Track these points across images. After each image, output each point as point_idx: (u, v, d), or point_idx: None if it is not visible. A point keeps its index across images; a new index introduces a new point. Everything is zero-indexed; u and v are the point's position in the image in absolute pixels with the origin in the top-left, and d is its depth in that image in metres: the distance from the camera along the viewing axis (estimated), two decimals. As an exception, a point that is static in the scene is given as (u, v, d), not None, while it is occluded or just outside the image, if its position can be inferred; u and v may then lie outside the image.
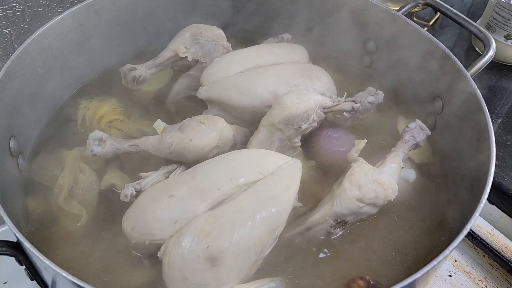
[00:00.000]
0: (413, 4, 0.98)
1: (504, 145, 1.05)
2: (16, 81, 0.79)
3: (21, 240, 0.56)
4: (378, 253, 0.73)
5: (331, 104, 0.81)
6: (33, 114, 0.85)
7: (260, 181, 0.70)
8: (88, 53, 0.95)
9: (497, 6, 1.18)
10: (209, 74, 0.88)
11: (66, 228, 0.75)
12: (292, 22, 1.04)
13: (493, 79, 1.23)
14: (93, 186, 0.79)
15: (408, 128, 0.79)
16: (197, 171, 0.71)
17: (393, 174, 0.73)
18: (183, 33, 0.94)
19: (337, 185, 0.73)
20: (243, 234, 0.64)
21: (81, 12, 0.90)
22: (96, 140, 0.77)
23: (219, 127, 0.78)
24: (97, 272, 0.70)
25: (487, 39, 0.87)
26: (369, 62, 1.03)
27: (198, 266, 0.62)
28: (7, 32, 0.96)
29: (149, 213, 0.67)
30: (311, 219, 0.72)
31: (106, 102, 0.91)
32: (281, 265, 0.71)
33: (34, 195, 0.79)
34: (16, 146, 0.78)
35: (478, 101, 0.77)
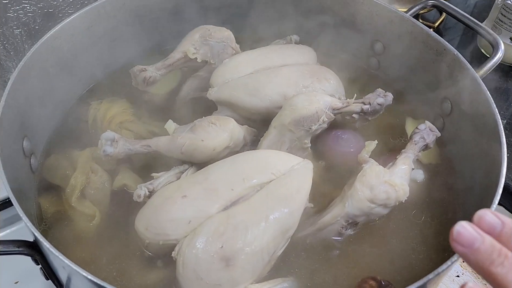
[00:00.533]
0: (421, 6, 0.99)
1: (510, 146, 1.06)
2: (28, 82, 0.79)
3: (40, 239, 0.57)
4: (389, 253, 0.74)
5: (340, 105, 0.82)
6: (45, 114, 0.85)
7: (272, 182, 0.70)
8: (98, 54, 0.96)
9: (503, 8, 1.19)
10: (219, 75, 0.89)
11: (79, 228, 0.75)
12: (300, 23, 1.05)
13: (499, 80, 1.24)
14: (105, 186, 0.79)
15: (418, 130, 0.80)
16: (209, 172, 0.72)
17: (404, 175, 0.73)
18: (193, 34, 0.94)
19: (349, 186, 0.73)
20: (257, 234, 0.65)
21: (92, 13, 0.91)
22: (108, 141, 0.77)
23: (230, 127, 0.78)
24: (110, 272, 0.70)
25: (496, 41, 0.88)
26: (377, 63, 1.03)
27: (213, 266, 0.62)
28: (18, 32, 0.97)
29: (163, 214, 0.67)
30: (322, 219, 0.73)
31: (116, 103, 0.92)
32: (293, 265, 0.71)
33: (46, 195, 0.79)
34: (28, 146, 0.78)
35: (488, 102, 0.77)
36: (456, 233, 0.45)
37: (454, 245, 0.45)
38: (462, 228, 0.45)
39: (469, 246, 0.44)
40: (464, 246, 0.45)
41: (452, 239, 0.45)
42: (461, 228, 0.45)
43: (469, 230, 0.45)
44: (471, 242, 0.44)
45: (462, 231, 0.45)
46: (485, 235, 0.45)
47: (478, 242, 0.44)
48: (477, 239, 0.44)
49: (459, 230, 0.45)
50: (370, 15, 0.98)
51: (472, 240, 0.44)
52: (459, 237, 0.45)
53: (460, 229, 0.45)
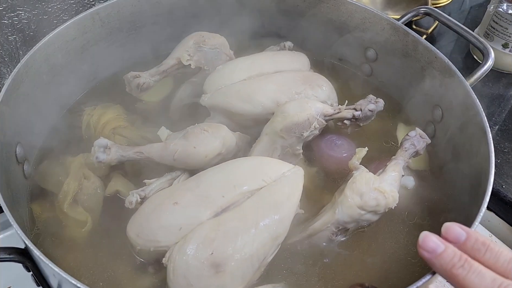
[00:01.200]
0: (413, 14, 1.00)
1: (502, 152, 1.07)
2: (22, 89, 0.80)
3: (30, 247, 0.57)
4: (379, 260, 0.75)
5: (332, 112, 0.83)
6: (39, 120, 0.86)
7: (263, 189, 0.71)
8: (92, 60, 0.96)
9: (495, 15, 1.20)
10: (212, 81, 0.89)
11: (71, 234, 0.76)
12: (294, 30, 1.06)
13: (491, 86, 1.25)
14: (98, 192, 0.80)
15: (408, 137, 0.80)
16: (201, 179, 0.72)
17: (394, 182, 0.74)
18: (187, 41, 0.95)
19: (339, 193, 0.74)
20: (247, 241, 0.65)
21: (86, 20, 0.91)
22: (101, 147, 0.77)
23: (223, 134, 0.79)
24: (101, 278, 0.71)
25: (486, 49, 0.89)
26: (370, 70, 1.04)
27: (203, 273, 0.63)
28: (12, 39, 0.97)
29: (154, 220, 0.68)
30: (313, 226, 0.73)
31: (110, 109, 0.92)
32: (283, 272, 0.72)
33: (39, 201, 0.80)
34: (22, 152, 0.79)
35: (477, 110, 0.78)
36: (422, 241, 0.53)
37: (420, 251, 0.53)
38: (427, 237, 0.53)
39: (433, 251, 0.52)
40: (429, 252, 0.52)
41: (419, 246, 0.53)
42: (425, 237, 0.53)
43: (433, 239, 0.52)
44: (434, 249, 0.52)
45: (426, 240, 0.52)
46: (447, 243, 0.52)
47: (440, 248, 0.52)
48: (440, 246, 0.52)
49: (424, 239, 0.53)
50: (363, 22, 0.99)
51: (435, 247, 0.52)
52: (424, 244, 0.53)
53: (425, 238, 0.53)
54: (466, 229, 0.52)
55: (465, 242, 0.51)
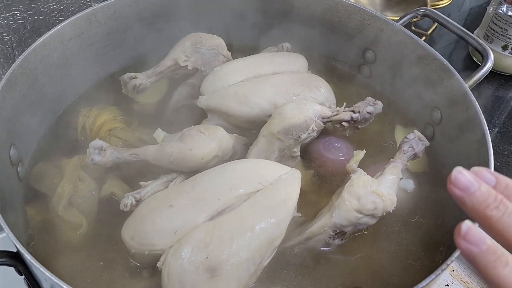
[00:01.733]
0: (412, 15, 0.99)
1: (501, 155, 1.06)
2: (17, 90, 0.79)
3: (21, 251, 0.56)
4: (376, 263, 0.74)
5: (330, 114, 0.82)
6: (33, 122, 0.85)
7: (259, 192, 0.70)
8: (88, 61, 0.95)
9: (494, 16, 1.19)
10: (209, 83, 0.89)
11: (66, 236, 0.75)
12: (292, 31, 1.05)
13: (490, 88, 1.24)
14: (93, 194, 0.79)
15: (406, 139, 0.80)
16: (197, 181, 0.72)
17: (392, 185, 0.73)
18: (184, 41, 0.94)
19: (336, 196, 0.73)
20: (243, 245, 0.64)
21: (82, 21, 0.91)
22: (96, 149, 0.77)
23: (219, 136, 0.78)
24: (95, 282, 0.70)
25: (485, 51, 0.88)
26: (368, 72, 1.03)
27: (198, 277, 0.62)
28: (7, 39, 0.96)
29: (149, 223, 0.67)
30: (310, 229, 0.73)
31: (106, 110, 0.91)
32: (280, 275, 0.71)
33: (33, 203, 0.79)
34: (16, 154, 0.78)
35: (476, 113, 0.78)
36: (454, 178, 0.46)
37: (451, 189, 0.46)
38: (460, 173, 0.46)
39: (465, 190, 0.46)
40: (461, 190, 0.46)
41: (449, 183, 0.46)
42: (458, 173, 0.46)
43: (466, 176, 0.46)
44: (467, 186, 0.45)
45: (459, 176, 0.46)
46: (482, 182, 0.46)
47: (474, 187, 0.45)
48: (474, 184, 0.46)
49: (456, 175, 0.46)
50: (362, 24, 0.98)
51: (469, 184, 0.45)
52: (456, 181, 0.46)
53: (457, 174, 0.46)
54: (495, 174, 0.47)
55: (495, 188, 0.46)
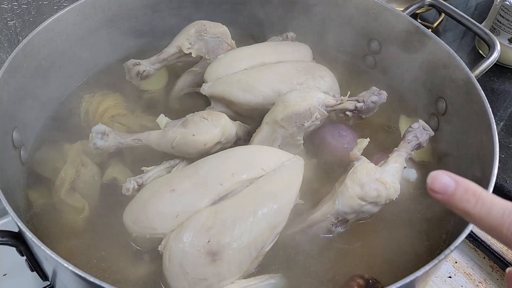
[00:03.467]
0: (418, 5, 0.98)
1: (506, 148, 1.05)
2: (20, 74, 0.79)
3: (23, 229, 0.57)
4: (379, 252, 0.73)
5: (334, 102, 0.81)
6: (37, 106, 0.85)
7: (262, 178, 0.70)
8: (92, 47, 0.95)
9: (501, 9, 1.18)
10: (213, 70, 0.88)
11: (68, 220, 0.75)
12: (297, 20, 1.05)
13: (496, 82, 1.23)
14: (95, 179, 0.79)
15: (411, 128, 0.79)
16: (199, 166, 0.71)
17: (396, 173, 0.73)
18: (188, 29, 0.94)
19: (339, 183, 0.73)
20: (244, 229, 0.64)
21: (87, 6, 0.90)
22: (99, 134, 0.77)
23: (222, 123, 0.78)
24: (97, 265, 0.70)
25: (492, 41, 0.87)
26: (373, 62, 1.03)
27: (199, 261, 0.62)
28: (12, 24, 0.96)
29: (151, 207, 0.67)
30: (312, 216, 0.72)
31: (109, 96, 0.91)
32: (282, 262, 0.71)
33: (36, 187, 0.79)
34: (19, 138, 0.78)
35: (482, 102, 0.77)
36: (430, 184, 0.48)
37: (431, 194, 0.48)
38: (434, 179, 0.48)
39: (444, 192, 0.47)
40: (440, 193, 0.48)
41: (428, 189, 0.48)
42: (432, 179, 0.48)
43: (442, 180, 0.48)
44: (445, 189, 0.47)
45: (435, 182, 0.48)
46: (457, 180, 0.48)
47: (451, 188, 0.47)
48: (450, 185, 0.47)
49: (432, 181, 0.48)
50: (367, 13, 0.98)
51: (446, 187, 0.47)
52: (433, 186, 0.48)
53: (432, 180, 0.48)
54: (455, 178, 0.48)
55: (454, 193, 0.47)
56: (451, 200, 0.47)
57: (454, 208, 0.47)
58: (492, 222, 0.45)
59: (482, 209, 0.46)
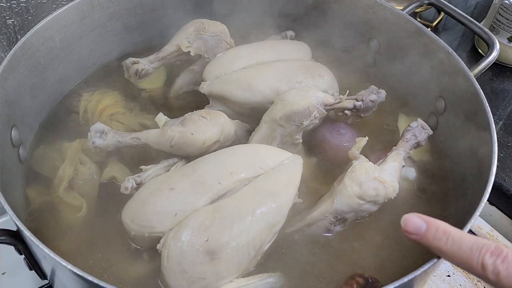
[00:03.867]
0: (417, 4, 0.98)
1: (505, 147, 1.06)
2: (18, 72, 0.79)
3: (21, 228, 0.56)
4: (378, 251, 0.73)
5: (333, 101, 0.81)
6: (35, 105, 0.85)
7: (260, 176, 0.69)
8: (91, 46, 0.95)
9: (500, 8, 1.18)
10: (212, 69, 0.88)
11: (66, 219, 0.75)
12: (296, 19, 1.04)
13: (496, 81, 1.23)
14: (94, 178, 0.79)
15: (409, 127, 0.79)
16: (198, 165, 0.71)
17: (394, 172, 0.73)
18: (187, 27, 0.93)
19: (338, 182, 0.73)
20: (243, 228, 0.64)
21: (85, 5, 0.90)
22: (97, 132, 0.76)
23: (221, 122, 0.78)
24: (95, 264, 0.70)
25: (491, 40, 0.87)
26: (372, 60, 1.03)
27: (197, 259, 0.62)
28: (10, 23, 0.96)
29: (149, 206, 0.67)
30: (311, 215, 0.72)
31: (108, 95, 0.91)
32: (280, 261, 0.71)
33: (34, 185, 0.79)
34: (17, 136, 0.78)
35: (480, 101, 0.77)
36: (404, 226, 0.54)
37: (406, 235, 0.54)
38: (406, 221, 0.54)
39: (417, 232, 0.53)
40: (414, 234, 0.53)
41: (403, 231, 0.54)
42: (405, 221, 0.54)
43: (413, 221, 0.53)
44: (417, 229, 0.53)
45: (407, 224, 0.54)
46: (428, 221, 0.53)
47: (422, 228, 0.52)
48: (422, 226, 0.53)
49: (405, 224, 0.54)
50: (366, 12, 0.98)
51: (418, 228, 0.53)
52: (407, 228, 0.54)
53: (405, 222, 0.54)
54: (426, 219, 0.52)
55: (426, 233, 0.51)
56: (424, 239, 0.52)
57: (428, 246, 0.52)
58: (462, 256, 0.50)
59: (452, 246, 0.50)
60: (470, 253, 0.49)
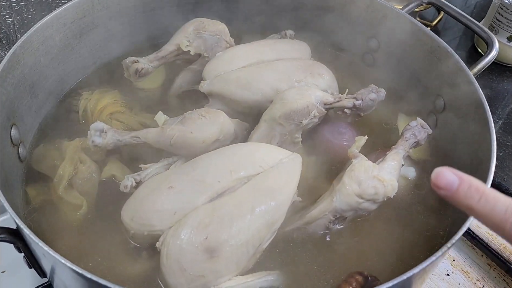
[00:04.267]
0: (416, 3, 0.99)
1: (504, 146, 1.06)
2: (18, 70, 0.79)
3: (21, 226, 0.57)
4: (377, 249, 0.73)
5: (332, 100, 0.81)
6: (35, 103, 0.85)
7: (260, 175, 0.70)
8: (91, 45, 0.95)
9: (500, 7, 1.18)
10: (211, 68, 0.88)
11: (66, 217, 0.75)
12: (296, 18, 1.05)
13: (495, 80, 1.23)
14: (93, 176, 0.79)
15: (409, 126, 0.79)
16: (197, 163, 0.71)
17: (393, 171, 0.73)
18: (187, 27, 0.93)
19: (337, 181, 0.73)
20: (242, 226, 0.64)
21: (85, 3, 0.90)
22: (97, 131, 0.77)
23: (220, 120, 0.78)
24: (95, 262, 0.70)
25: (490, 39, 0.87)
26: (372, 59, 1.03)
27: (196, 257, 0.62)
28: (10, 21, 0.96)
29: (149, 204, 0.67)
30: (310, 214, 0.72)
31: (108, 94, 0.91)
32: (279, 259, 0.71)
33: (34, 184, 0.79)
34: (17, 135, 0.78)
35: (480, 100, 0.77)
36: (435, 180, 0.48)
37: (436, 190, 0.49)
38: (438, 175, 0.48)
39: (449, 189, 0.48)
40: (445, 189, 0.48)
41: (433, 185, 0.48)
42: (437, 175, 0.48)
43: (446, 176, 0.48)
44: (449, 185, 0.48)
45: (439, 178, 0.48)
46: (461, 176, 0.48)
47: (455, 184, 0.48)
48: (454, 182, 0.48)
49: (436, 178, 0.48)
50: (366, 11, 0.98)
51: (450, 183, 0.48)
52: (437, 183, 0.48)
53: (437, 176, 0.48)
54: (459, 174, 0.49)
55: (458, 189, 0.48)
56: (455, 196, 0.48)
57: (459, 204, 0.48)
58: (495, 218, 0.46)
59: (485, 205, 0.46)
60: (505, 215, 0.46)
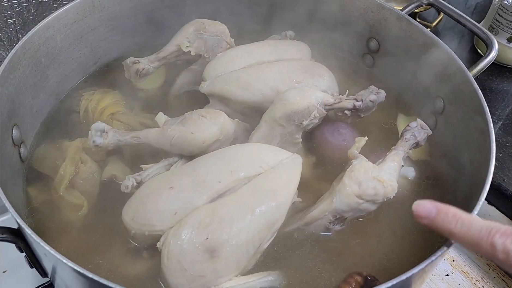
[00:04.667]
0: (416, 4, 0.99)
1: (504, 147, 1.06)
2: (19, 71, 0.79)
3: (22, 225, 0.57)
4: (376, 249, 0.74)
5: (332, 101, 0.82)
6: (36, 104, 0.85)
7: (260, 175, 0.70)
8: (92, 45, 0.95)
9: (500, 8, 1.18)
10: (212, 69, 0.88)
11: (67, 217, 0.75)
12: (296, 19, 1.05)
13: (495, 81, 1.23)
14: (94, 177, 0.79)
15: (409, 127, 0.79)
16: (198, 164, 0.72)
17: (393, 171, 0.73)
18: (187, 27, 0.94)
19: (337, 182, 0.73)
20: (242, 227, 0.64)
21: (86, 4, 0.91)
22: (98, 131, 0.77)
23: (221, 121, 0.78)
24: (96, 262, 0.70)
25: (490, 40, 0.88)
26: (372, 61, 1.03)
27: (197, 258, 0.62)
28: (11, 22, 0.96)
29: (149, 204, 0.67)
30: (310, 214, 0.73)
31: (108, 94, 0.91)
32: (279, 259, 0.71)
33: (35, 184, 0.79)
34: (18, 135, 0.78)
35: (479, 101, 0.77)
36: (415, 211, 0.58)
37: (417, 220, 0.58)
38: (418, 206, 0.58)
39: (427, 217, 0.57)
40: (425, 218, 0.57)
41: (414, 216, 0.58)
42: (417, 206, 0.58)
43: (425, 206, 0.57)
44: (428, 214, 0.57)
45: (419, 209, 0.58)
46: (437, 206, 0.57)
47: (432, 213, 0.56)
48: (432, 211, 0.57)
49: (416, 209, 0.58)
50: (365, 12, 0.98)
51: (428, 212, 0.57)
52: (418, 213, 0.58)
53: (417, 207, 0.58)
54: (436, 204, 0.56)
55: (436, 217, 0.55)
56: (434, 223, 0.55)
57: (439, 229, 0.55)
58: (472, 237, 0.52)
59: (462, 228, 0.53)
60: (480, 234, 0.51)
